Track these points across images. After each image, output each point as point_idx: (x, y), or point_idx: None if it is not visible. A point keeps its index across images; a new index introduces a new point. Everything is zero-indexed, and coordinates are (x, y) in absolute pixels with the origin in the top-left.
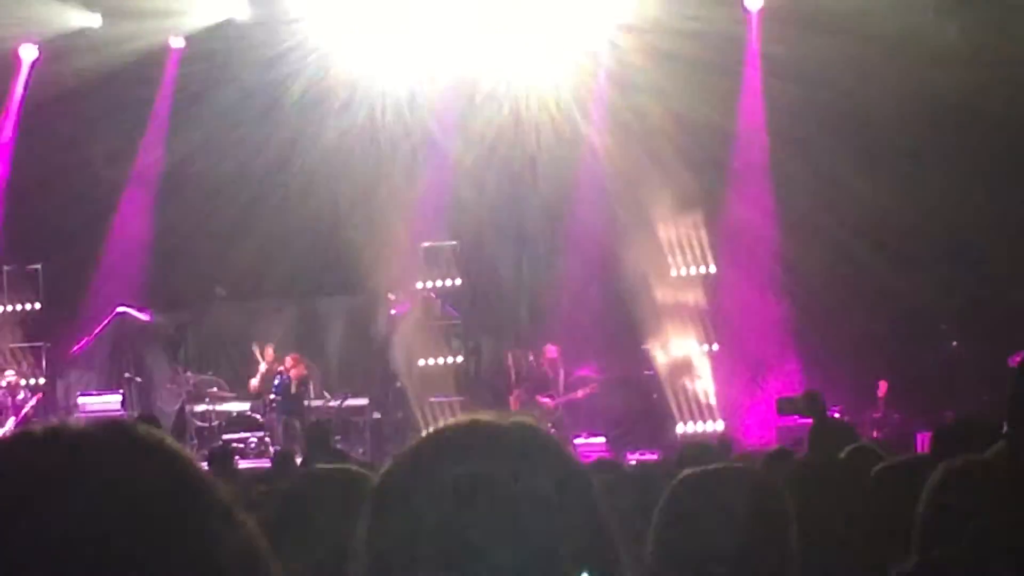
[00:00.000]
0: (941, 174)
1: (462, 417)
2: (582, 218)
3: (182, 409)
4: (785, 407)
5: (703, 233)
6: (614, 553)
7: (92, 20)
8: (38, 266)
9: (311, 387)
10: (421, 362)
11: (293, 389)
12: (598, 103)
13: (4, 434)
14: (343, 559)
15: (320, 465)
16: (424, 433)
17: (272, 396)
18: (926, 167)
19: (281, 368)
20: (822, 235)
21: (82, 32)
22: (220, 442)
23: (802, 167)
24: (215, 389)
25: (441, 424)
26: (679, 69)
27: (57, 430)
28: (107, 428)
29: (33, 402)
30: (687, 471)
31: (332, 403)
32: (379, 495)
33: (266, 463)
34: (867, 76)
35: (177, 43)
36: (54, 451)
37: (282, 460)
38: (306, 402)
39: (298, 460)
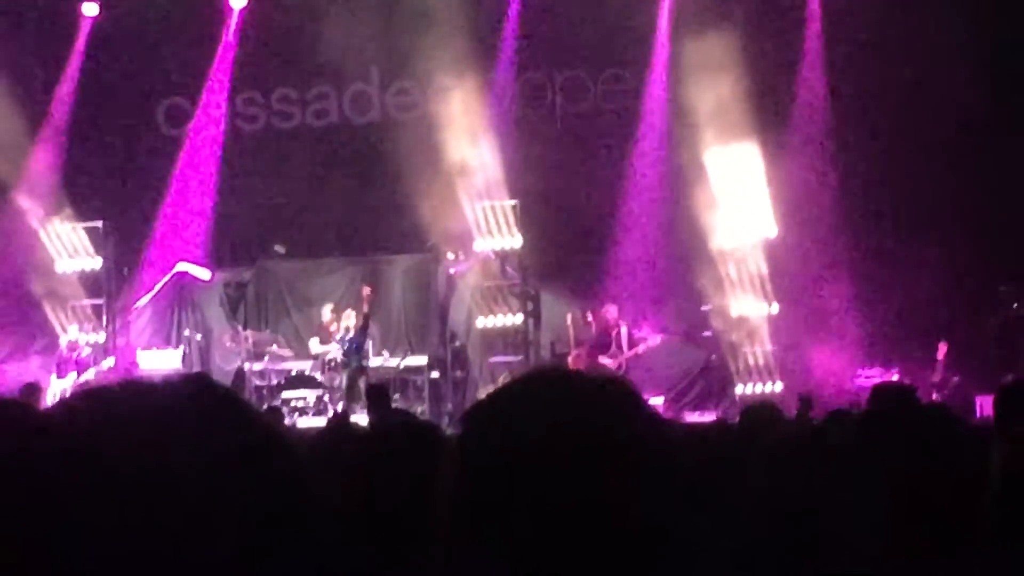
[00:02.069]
0: (1003, 138)
1: (544, 366)
2: (642, 177)
3: (241, 367)
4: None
5: (765, 194)
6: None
7: None
8: (99, 223)
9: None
10: (480, 322)
11: (364, 342)
12: (659, 57)
13: (65, 390)
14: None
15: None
16: (506, 381)
17: (338, 356)
18: (987, 131)
19: (347, 325)
20: (883, 198)
21: None
22: (279, 400)
23: (863, 131)
24: (274, 347)
25: (521, 373)
26: (737, 27)
27: (136, 382)
28: (187, 380)
29: (93, 358)
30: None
31: (391, 362)
32: (464, 445)
33: (324, 422)
34: (931, 32)
35: (238, 2)
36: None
37: (337, 421)
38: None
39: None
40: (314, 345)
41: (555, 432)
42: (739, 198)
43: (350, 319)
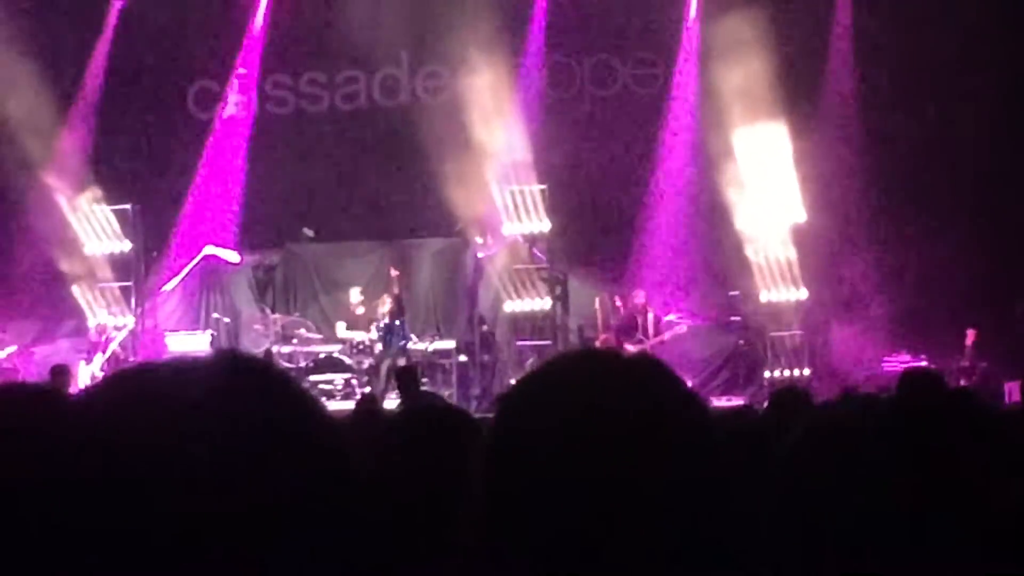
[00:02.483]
0: None
1: (580, 350)
2: (671, 162)
3: (269, 351)
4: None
5: (794, 180)
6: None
7: None
8: (128, 206)
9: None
10: (508, 306)
11: (399, 325)
12: (688, 41)
13: (94, 373)
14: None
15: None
16: (539, 364)
17: (366, 340)
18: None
19: (384, 311)
20: (913, 182)
21: None
22: (307, 384)
23: (893, 114)
24: (302, 331)
25: (558, 355)
26: (766, 11)
27: (167, 362)
28: (222, 355)
29: (121, 339)
30: None
31: (419, 345)
32: (498, 428)
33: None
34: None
35: None
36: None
37: (365, 403)
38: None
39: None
40: (341, 329)
41: (591, 416)
42: (768, 182)
43: (385, 305)
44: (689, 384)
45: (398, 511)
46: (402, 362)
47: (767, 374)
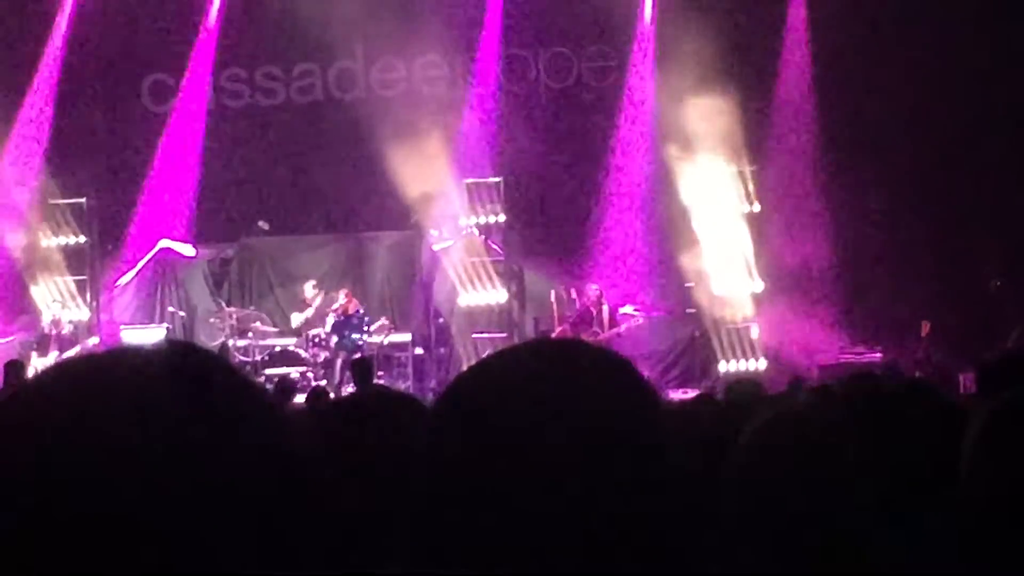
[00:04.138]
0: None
1: (532, 340)
2: (626, 154)
3: (224, 344)
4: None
5: (748, 172)
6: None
7: None
8: (83, 199)
9: (367, 321)
10: (464, 299)
11: (356, 323)
12: (643, 33)
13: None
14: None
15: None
16: (492, 353)
17: (322, 333)
18: (977, 109)
19: (337, 306)
20: (869, 174)
21: None
22: (263, 377)
23: (846, 110)
24: (257, 324)
25: (509, 345)
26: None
27: (116, 352)
28: (167, 346)
29: (76, 335)
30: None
31: (375, 338)
32: (442, 412)
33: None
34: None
35: None
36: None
37: (315, 395)
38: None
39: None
40: (296, 319)
41: (532, 404)
42: (723, 173)
43: (340, 300)
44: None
45: (344, 497)
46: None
47: (722, 366)
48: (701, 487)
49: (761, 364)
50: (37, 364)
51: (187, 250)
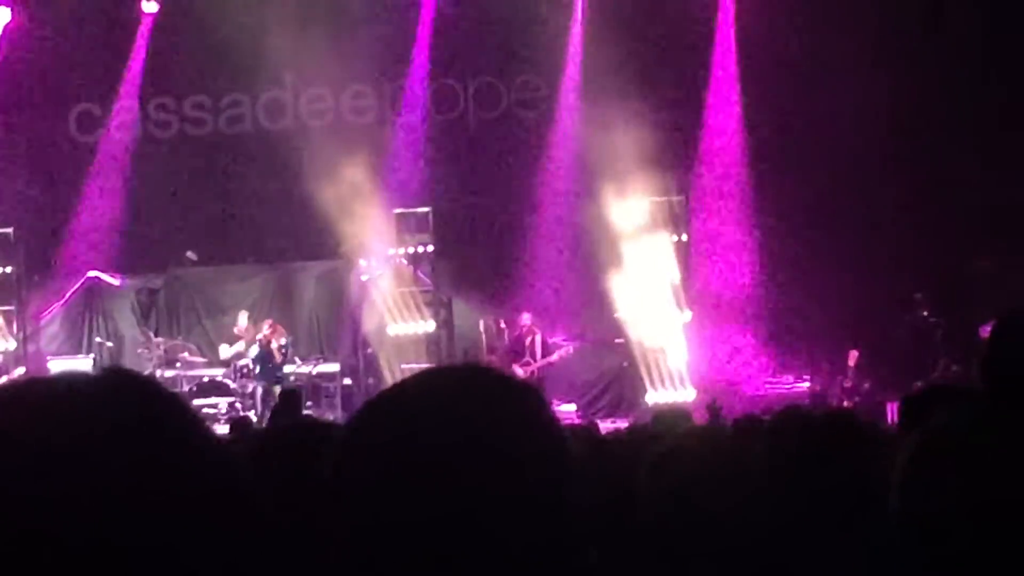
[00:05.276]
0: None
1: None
2: (555, 184)
3: (152, 375)
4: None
5: (675, 201)
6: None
7: None
8: (10, 230)
9: (289, 352)
10: (392, 329)
11: (276, 356)
12: (571, 64)
13: None
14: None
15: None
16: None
17: (249, 363)
18: (898, 139)
19: (261, 336)
20: (796, 205)
21: None
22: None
23: (773, 140)
24: (185, 354)
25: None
26: (650, 29)
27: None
28: (108, 373)
29: (3, 365)
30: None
31: (303, 369)
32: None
33: None
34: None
35: (150, 7)
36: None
37: (239, 426)
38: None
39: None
40: (224, 350)
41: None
42: (652, 204)
43: (264, 329)
44: (573, 406)
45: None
46: (277, 390)
47: (651, 396)
48: (603, 519)
49: (690, 394)
50: None
51: (115, 281)
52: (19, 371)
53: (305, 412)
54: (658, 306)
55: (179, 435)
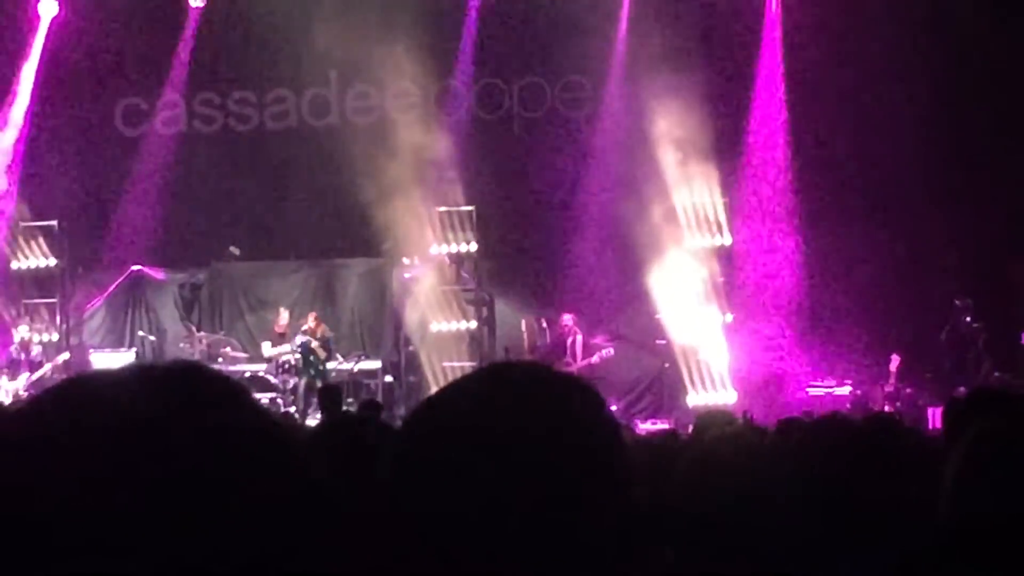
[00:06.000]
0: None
1: (498, 363)
2: (599, 183)
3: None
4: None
5: (719, 203)
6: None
7: None
8: (55, 223)
9: (332, 348)
10: (434, 327)
11: (319, 352)
12: (616, 63)
13: (17, 390)
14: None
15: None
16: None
17: (293, 357)
18: (947, 142)
19: (306, 328)
20: (838, 209)
21: None
22: None
23: (820, 144)
24: (228, 349)
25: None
26: (695, 32)
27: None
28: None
29: (45, 357)
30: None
31: (345, 365)
32: (402, 434)
33: None
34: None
35: (197, 2)
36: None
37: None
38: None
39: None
40: (267, 348)
41: (485, 427)
42: (695, 206)
43: (308, 323)
44: (614, 407)
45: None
46: (319, 384)
47: (691, 399)
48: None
49: (731, 396)
50: (8, 388)
51: (158, 275)
52: (62, 356)
53: (346, 409)
54: (699, 308)
55: (261, 429)
